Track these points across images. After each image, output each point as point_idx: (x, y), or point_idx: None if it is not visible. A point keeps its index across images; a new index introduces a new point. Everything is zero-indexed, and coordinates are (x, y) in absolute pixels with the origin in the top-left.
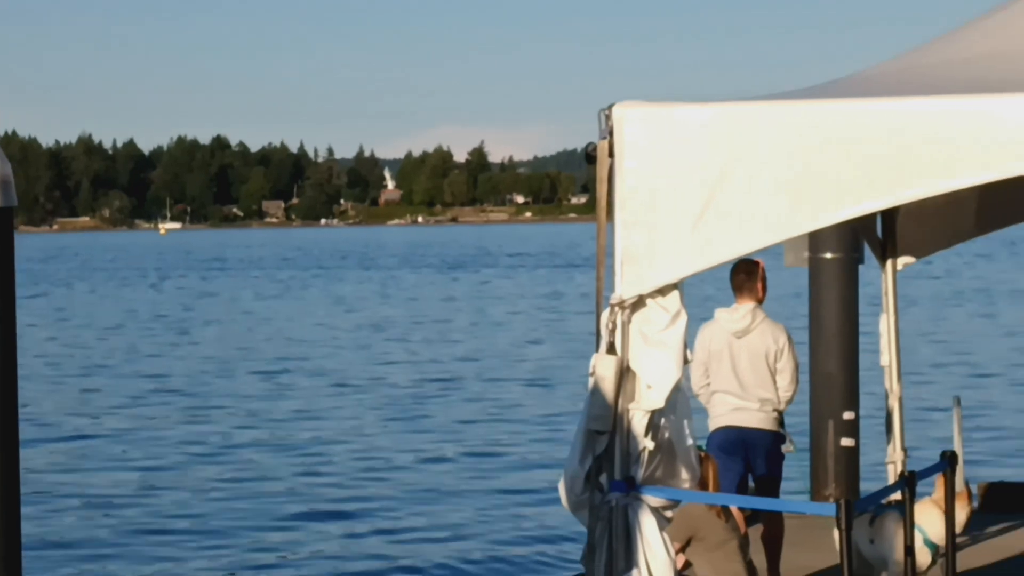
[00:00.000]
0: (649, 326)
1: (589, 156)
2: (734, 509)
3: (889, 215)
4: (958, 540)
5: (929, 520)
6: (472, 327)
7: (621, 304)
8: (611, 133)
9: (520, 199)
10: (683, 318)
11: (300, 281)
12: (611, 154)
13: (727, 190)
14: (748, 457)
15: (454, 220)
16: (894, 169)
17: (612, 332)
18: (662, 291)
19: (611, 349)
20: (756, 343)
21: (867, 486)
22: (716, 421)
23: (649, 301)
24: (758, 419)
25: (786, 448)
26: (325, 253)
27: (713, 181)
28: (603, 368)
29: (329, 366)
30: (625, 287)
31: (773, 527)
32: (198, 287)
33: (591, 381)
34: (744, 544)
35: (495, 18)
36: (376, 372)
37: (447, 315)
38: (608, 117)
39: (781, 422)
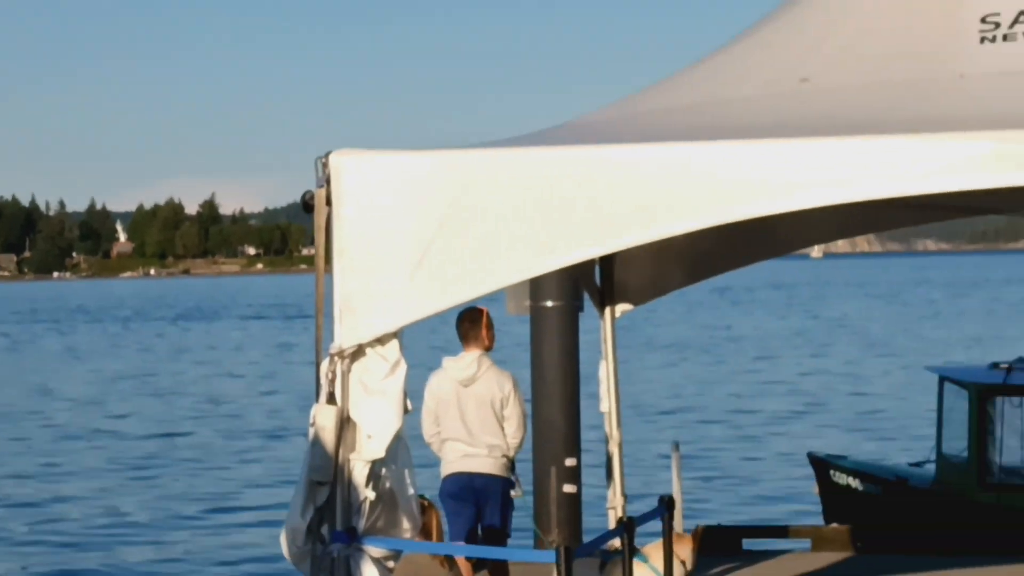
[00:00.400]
0: (369, 375)
1: (307, 205)
2: (459, 557)
3: (607, 263)
4: None
5: (663, 562)
6: (204, 379)
7: (340, 354)
8: (328, 181)
9: (252, 251)
10: (403, 367)
11: (32, 335)
12: (329, 202)
13: (444, 239)
14: (478, 503)
15: (186, 272)
16: (607, 217)
17: (332, 382)
18: (381, 340)
19: (331, 399)
20: (482, 391)
21: (595, 532)
22: (447, 468)
23: (368, 350)
24: (487, 465)
25: (515, 493)
26: (58, 306)
27: (431, 230)
28: (323, 418)
29: (60, 420)
30: (344, 336)
31: (498, 574)
32: None
33: (311, 432)
34: None
35: (222, 68)
36: (107, 426)
37: (179, 367)
38: (325, 165)
39: (511, 467)
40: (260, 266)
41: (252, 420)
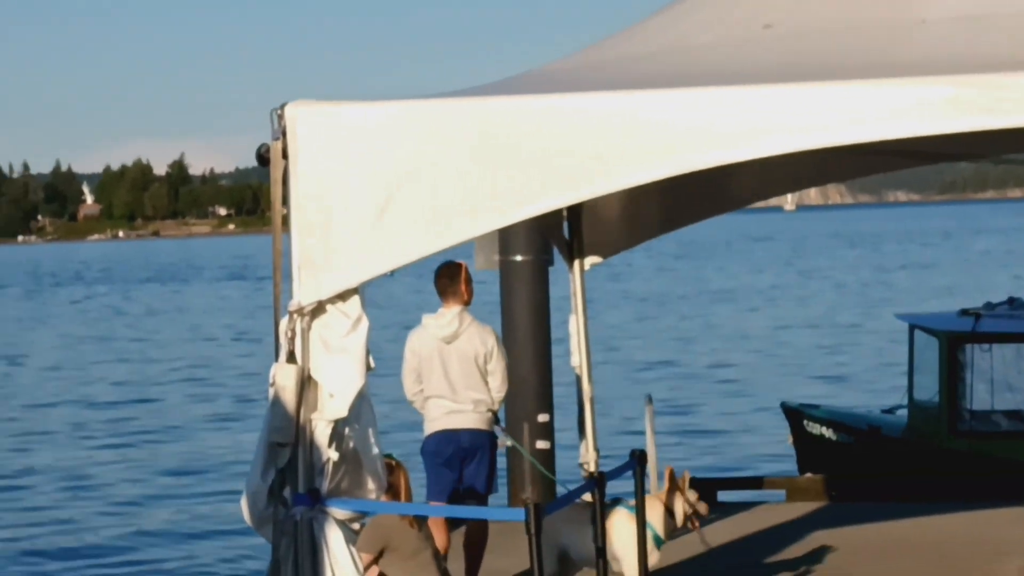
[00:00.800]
0: (330, 332)
1: (262, 158)
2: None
3: (574, 215)
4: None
5: (656, 516)
6: (179, 342)
7: (300, 311)
8: (284, 134)
9: (223, 211)
10: (364, 323)
11: None
12: (286, 156)
13: (406, 191)
14: (464, 460)
15: (156, 234)
16: (567, 167)
17: (292, 340)
18: (342, 296)
19: (291, 358)
20: (465, 347)
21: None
22: (431, 426)
23: (329, 307)
24: (473, 420)
25: (502, 441)
26: (21, 270)
27: (391, 182)
28: (283, 378)
29: (31, 386)
30: (303, 293)
31: (475, 533)
32: None
33: (271, 392)
34: (438, 552)
35: (190, 26)
36: (77, 393)
37: (153, 330)
38: (281, 117)
39: (496, 421)
40: (232, 227)
41: (229, 383)
